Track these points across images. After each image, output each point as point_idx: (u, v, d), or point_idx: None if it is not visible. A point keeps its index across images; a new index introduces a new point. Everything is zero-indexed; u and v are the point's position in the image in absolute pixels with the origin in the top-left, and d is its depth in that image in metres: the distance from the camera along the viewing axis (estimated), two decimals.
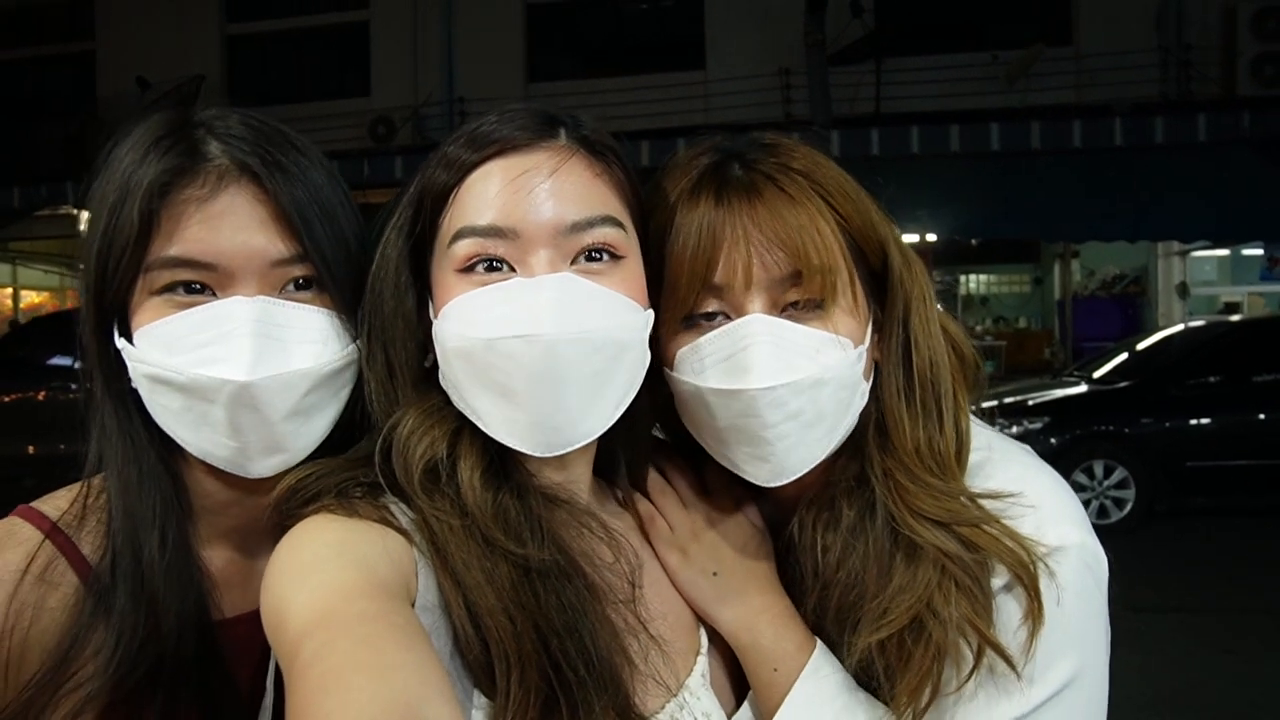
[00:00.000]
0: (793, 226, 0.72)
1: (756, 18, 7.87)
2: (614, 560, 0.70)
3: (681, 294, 0.74)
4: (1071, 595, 0.70)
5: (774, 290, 0.72)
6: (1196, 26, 7.34)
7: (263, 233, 0.71)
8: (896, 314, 0.78)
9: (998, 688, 0.70)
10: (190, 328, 0.70)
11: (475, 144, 0.69)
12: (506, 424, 0.67)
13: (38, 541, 0.72)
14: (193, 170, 0.70)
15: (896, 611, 0.71)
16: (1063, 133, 6.82)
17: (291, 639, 0.54)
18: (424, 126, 8.29)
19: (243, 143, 0.72)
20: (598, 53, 8.59)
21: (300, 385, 0.71)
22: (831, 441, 0.75)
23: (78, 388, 0.80)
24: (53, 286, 12.17)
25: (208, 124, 0.74)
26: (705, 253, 0.72)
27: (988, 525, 0.72)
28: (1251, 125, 6.81)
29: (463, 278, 0.67)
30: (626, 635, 0.67)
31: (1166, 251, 9.20)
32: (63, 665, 0.69)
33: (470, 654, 0.62)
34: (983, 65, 7.16)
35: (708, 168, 0.76)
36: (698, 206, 0.74)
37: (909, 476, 0.74)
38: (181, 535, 0.75)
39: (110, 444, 0.74)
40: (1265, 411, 5.58)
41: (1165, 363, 6.02)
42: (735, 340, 0.72)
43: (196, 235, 0.70)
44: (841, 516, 0.77)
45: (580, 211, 0.67)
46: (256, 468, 0.72)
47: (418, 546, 0.64)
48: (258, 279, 0.71)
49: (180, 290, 0.70)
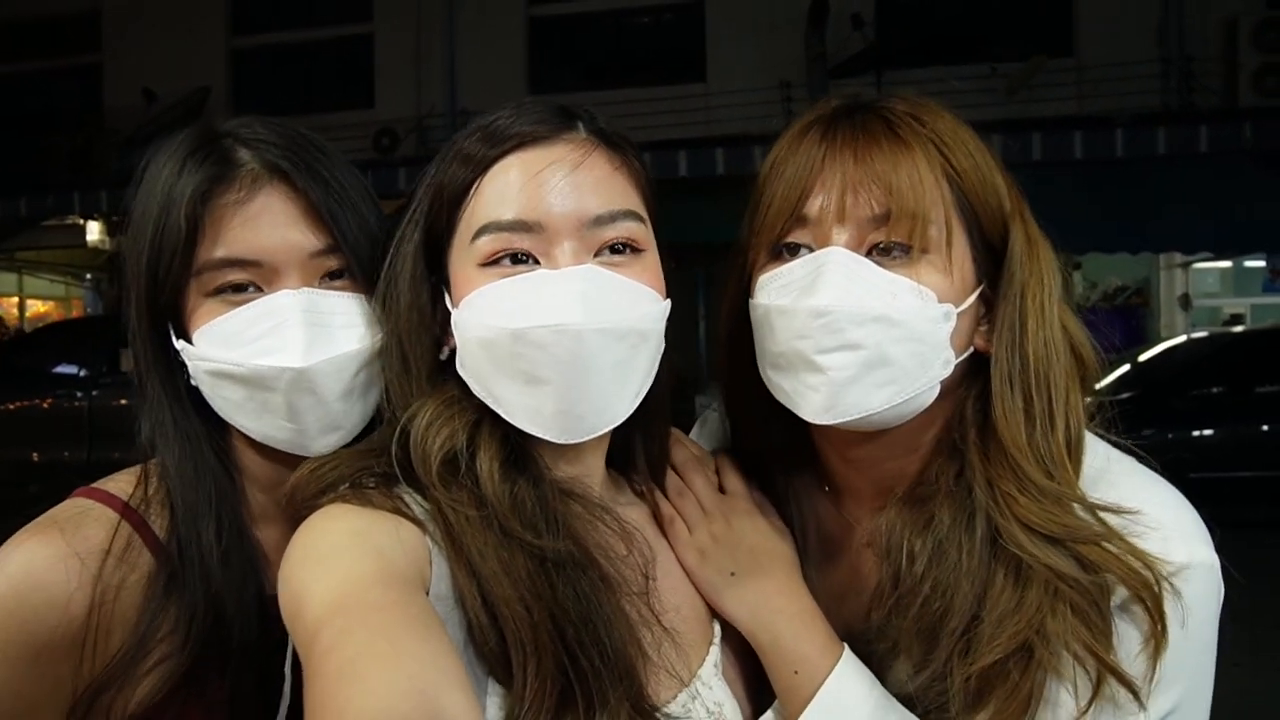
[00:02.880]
0: (891, 166, 0.70)
1: (757, 31, 7.91)
2: (627, 553, 0.70)
3: (770, 224, 0.74)
4: (1195, 620, 0.66)
5: (862, 228, 0.72)
6: (1198, 38, 7.36)
7: (297, 228, 0.76)
8: (1012, 294, 0.74)
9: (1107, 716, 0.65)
10: (244, 323, 0.75)
11: (493, 139, 0.70)
12: (530, 412, 0.68)
13: (115, 520, 0.75)
14: (228, 176, 0.76)
15: (1002, 636, 0.66)
16: (1064, 144, 6.82)
17: (309, 627, 0.55)
18: (427, 138, 8.32)
19: (270, 146, 0.77)
20: (599, 65, 8.63)
21: (350, 366, 0.76)
22: (897, 397, 0.71)
23: (83, 396, 0.83)
24: (58, 296, 12.22)
25: (234, 133, 0.79)
26: (800, 184, 0.73)
27: (1107, 542, 0.66)
28: (1254, 136, 6.81)
29: (486, 270, 0.69)
30: (640, 627, 0.67)
31: (1169, 263, 9.19)
32: (143, 642, 0.72)
33: (485, 644, 0.63)
34: (983, 77, 7.18)
35: (830, 111, 0.77)
36: (803, 141, 0.75)
37: (1017, 484, 0.69)
38: (237, 521, 0.79)
39: (168, 440, 0.79)
40: (1269, 423, 5.56)
41: (1168, 374, 6.01)
42: (812, 268, 0.72)
43: (239, 236, 0.75)
44: (936, 522, 0.73)
45: (603, 204, 0.69)
46: (316, 445, 0.77)
47: (431, 536, 0.65)
48: (299, 271, 0.76)
49: (230, 290, 0.75)
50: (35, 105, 9.46)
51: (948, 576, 0.71)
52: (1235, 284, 10.16)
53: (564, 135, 0.70)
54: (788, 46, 7.59)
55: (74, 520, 0.74)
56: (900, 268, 0.71)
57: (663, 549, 0.81)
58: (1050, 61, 7.23)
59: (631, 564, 0.70)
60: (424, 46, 8.56)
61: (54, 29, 9.48)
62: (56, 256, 10.80)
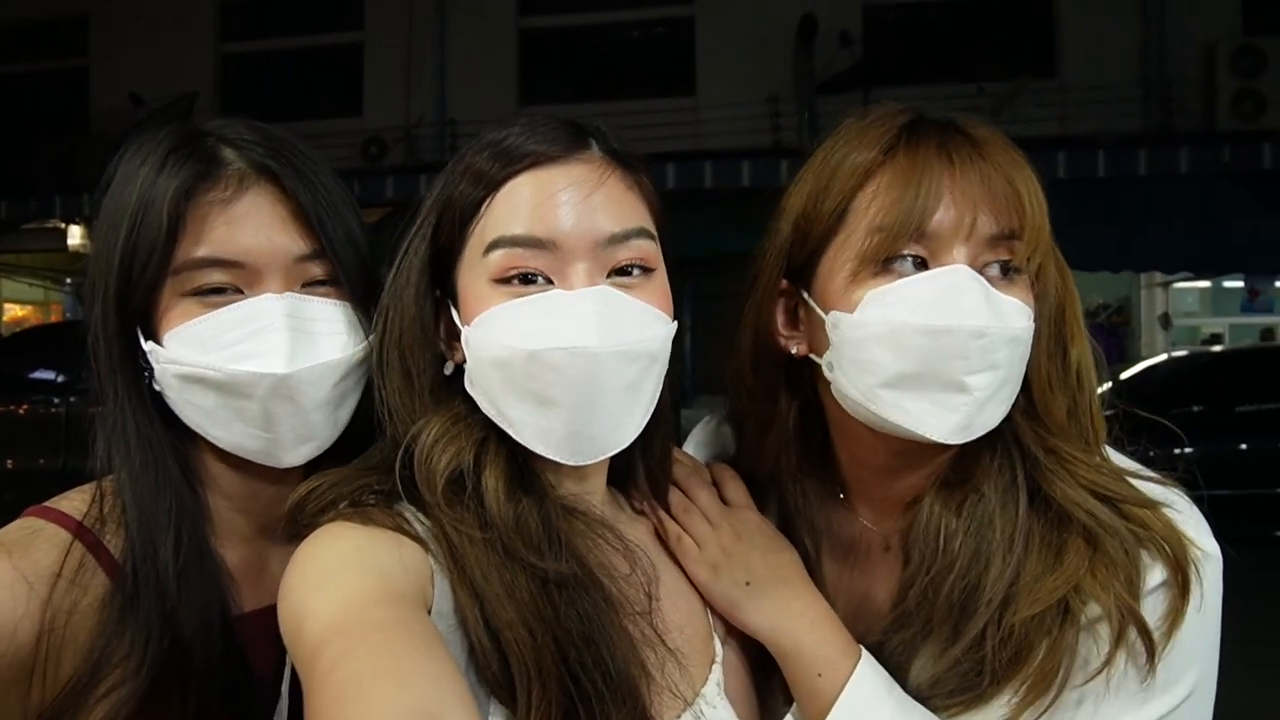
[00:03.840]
0: (1018, 186, 0.72)
1: (747, 46, 7.97)
2: (630, 571, 0.70)
3: (884, 237, 0.72)
4: (1210, 606, 0.70)
5: (980, 247, 0.72)
6: (1178, 62, 7.49)
7: (284, 231, 0.74)
8: (1046, 309, 0.76)
9: (1127, 695, 0.68)
10: (223, 326, 0.72)
11: (505, 157, 0.69)
12: (540, 433, 0.67)
13: (67, 541, 0.71)
14: (213, 175, 0.73)
15: (1041, 592, 0.69)
16: (1047, 163, 6.87)
17: (310, 646, 0.54)
18: (416, 147, 8.31)
19: (255, 146, 0.75)
20: (589, 77, 8.67)
21: (332, 376, 0.75)
22: (1006, 409, 0.73)
23: (60, 402, 0.80)
24: (37, 300, 12.06)
25: (217, 133, 0.76)
26: (924, 200, 0.71)
27: (1149, 508, 0.70)
28: (1232, 159, 6.94)
29: (498, 288, 0.68)
30: (643, 647, 0.67)
31: (1149, 282, 9.31)
32: (97, 668, 0.69)
33: (488, 667, 0.62)
34: (969, 96, 7.26)
35: (913, 122, 0.76)
36: (914, 155, 0.73)
37: (1064, 439, 0.73)
38: (198, 537, 0.75)
39: (128, 449, 0.75)
40: (1248, 441, 5.63)
41: (1148, 393, 6.07)
42: (943, 285, 0.70)
43: (223, 236, 0.72)
44: (977, 497, 0.74)
45: (618, 224, 0.68)
46: (288, 457, 0.75)
47: (433, 555, 0.64)
48: (282, 275, 0.74)
49: (208, 292, 0.73)
50: (20, 108, 9.37)
51: (988, 545, 0.72)
52: (1214, 304, 10.30)
53: (578, 155, 0.70)
54: (776, 62, 7.66)
55: (22, 542, 0.70)
56: (1009, 287, 0.72)
57: (665, 567, 0.80)
58: (1034, 83, 7.33)
59: (635, 583, 0.70)
60: (414, 56, 8.57)
61: (40, 32, 9.41)
62: (36, 260, 10.67)
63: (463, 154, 0.73)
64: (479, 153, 0.71)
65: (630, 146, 0.74)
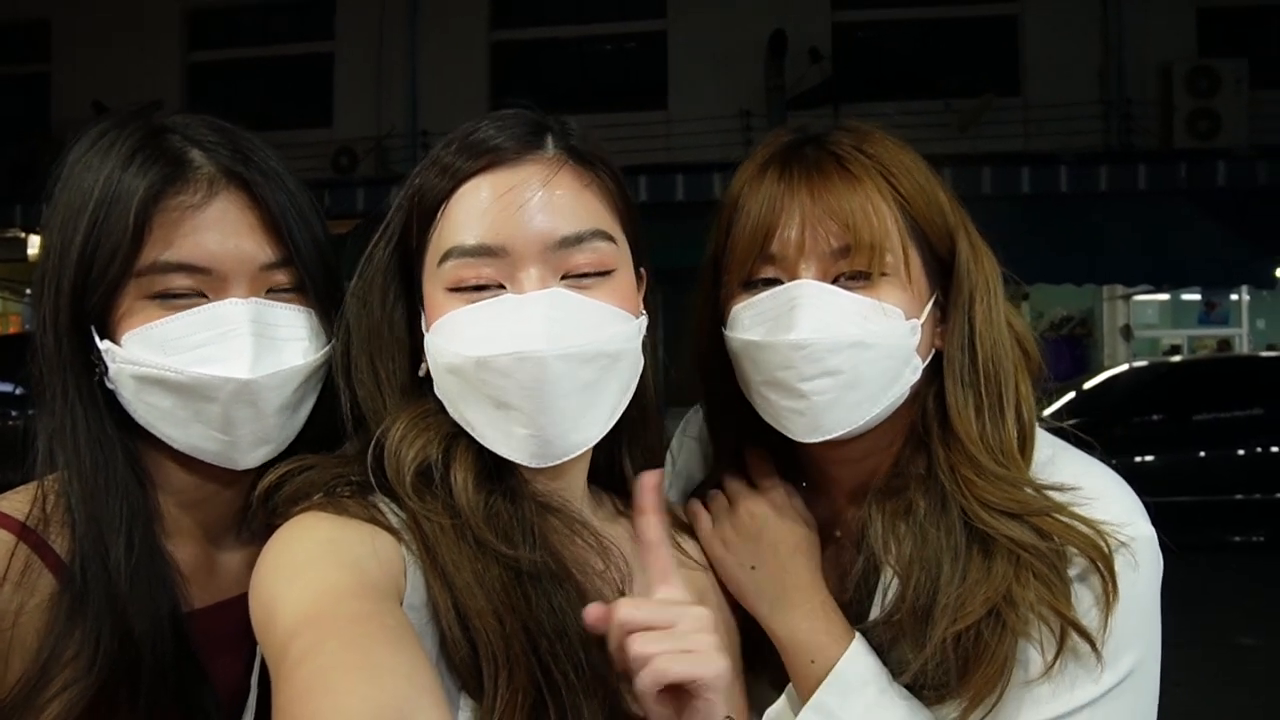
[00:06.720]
0: (846, 203, 0.75)
1: (718, 61, 8.05)
2: (604, 568, 0.70)
3: (740, 259, 0.78)
4: (1144, 585, 0.73)
5: (825, 261, 0.76)
6: (1136, 83, 7.71)
7: (252, 238, 0.74)
8: (961, 300, 0.80)
9: (1071, 674, 0.71)
10: (186, 329, 0.71)
11: (468, 151, 0.70)
12: (501, 436, 0.67)
13: (12, 543, 0.70)
14: (182, 178, 0.72)
15: (973, 604, 0.72)
16: (1012, 179, 7.06)
17: (280, 638, 0.54)
18: (387, 158, 8.26)
19: (223, 149, 0.74)
20: (561, 90, 8.68)
21: (294, 381, 0.75)
22: (874, 409, 0.76)
23: (18, 415, 0.78)
24: None
25: (182, 131, 0.75)
26: (765, 223, 0.77)
27: (1058, 514, 0.73)
28: (1188, 176, 7.14)
29: (452, 295, 0.68)
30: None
31: (1111, 295, 9.52)
32: (46, 669, 0.68)
33: (457, 655, 0.61)
34: (936, 113, 7.40)
35: (783, 146, 0.81)
36: (763, 181, 0.78)
37: (974, 469, 0.75)
38: (149, 536, 0.74)
39: (77, 448, 0.73)
40: (1206, 449, 5.76)
41: (1111, 402, 6.20)
42: (784, 301, 0.75)
43: (192, 241, 0.71)
44: (913, 508, 0.78)
45: (570, 225, 0.68)
46: (246, 459, 0.74)
47: (407, 546, 0.64)
48: (248, 282, 0.74)
49: (171, 295, 0.72)
50: None
51: (932, 555, 0.76)
52: (1173, 316, 10.56)
53: (531, 154, 0.70)
54: (748, 77, 7.75)
55: None
56: (865, 290, 0.76)
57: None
58: (999, 100, 7.49)
59: (608, 579, 0.70)
60: (385, 66, 8.53)
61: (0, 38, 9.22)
62: None
63: (438, 147, 0.73)
64: (448, 145, 0.72)
65: (597, 146, 0.74)
